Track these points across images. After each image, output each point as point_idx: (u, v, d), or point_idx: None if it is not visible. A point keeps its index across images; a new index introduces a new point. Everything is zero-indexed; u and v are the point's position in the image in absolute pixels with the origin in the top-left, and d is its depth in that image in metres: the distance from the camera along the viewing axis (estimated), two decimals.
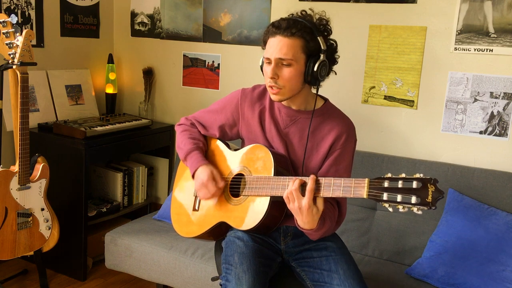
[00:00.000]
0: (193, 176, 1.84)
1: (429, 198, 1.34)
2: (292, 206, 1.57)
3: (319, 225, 1.61)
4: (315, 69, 1.66)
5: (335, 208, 1.76)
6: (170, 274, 2.38)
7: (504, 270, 2.06)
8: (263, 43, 1.75)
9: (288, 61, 1.65)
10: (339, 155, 1.77)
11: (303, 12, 1.73)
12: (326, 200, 1.62)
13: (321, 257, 1.77)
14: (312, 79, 1.69)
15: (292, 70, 1.66)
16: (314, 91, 1.80)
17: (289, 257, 1.85)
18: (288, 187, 1.59)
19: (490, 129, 2.41)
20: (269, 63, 1.69)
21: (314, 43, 1.66)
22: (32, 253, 2.48)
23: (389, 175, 1.42)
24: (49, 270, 2.83)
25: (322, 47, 1.67)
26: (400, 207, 1.37)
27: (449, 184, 2.34)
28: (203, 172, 1.80)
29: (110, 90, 3.31)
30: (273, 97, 1.74)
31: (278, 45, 1.65)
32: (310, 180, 1.54)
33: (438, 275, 2.14)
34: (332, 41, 1.74)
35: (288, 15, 1.73)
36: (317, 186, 1.55)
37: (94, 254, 2.94)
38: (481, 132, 2.43)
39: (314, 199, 1.55)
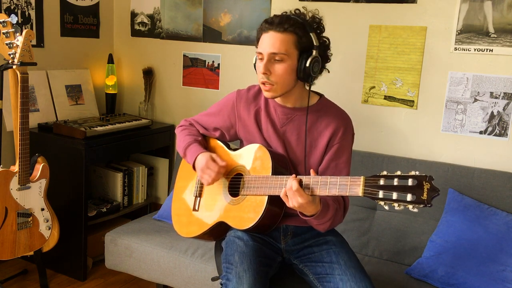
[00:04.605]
0: (194, 167, 1.85)
1: (425, 196, 1.33)
2: (291, 205, 1.58)
3: (323, 207, 1.61)
4: (307, 65, 1.66)
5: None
6: (170, 274, 2.38)
7: (504, 270, 2.06)
8: (256, 40, 1.76)
9: (281, 56, 1.65)
10: (338, 150, 1.78)
11: (297, 11, 1.73)
12: None
13: (322, 251, 1.78)
14: (305, 75, 1.68)
15: (285, 66, 1.67)
16: (313, 88, 1.81)
17: (290, 255, 1.85)
18: (284, 186, 1.59)
19: (490, 129, 2.41)
20: (262, 59, 1.69)
21: (306, 39, 1.67)
22: (32, 253, 2.48)
23: (385, 172, 1.41)
24: (49, 270, 2.83)
25: (315, 43, 1.67)
26: (396, 205, 1.37)
27: (449, 184, 2.34)
28: (202, 157, 1.80)
29: (110, 90, 3.31)
30: (266, 94, 1.74)
31: (270, 40, 1.66)
32: (294, 181, 1.54)
33: (438, 275, 2.13)
34: (325, 38, 1.74)
35: (282, 13, 1.73)
36: (314, 184, 1.55)
37: (94, 254, 2.94)
38: (481, 132, 2.42)
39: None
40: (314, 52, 1.67)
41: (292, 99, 1.79)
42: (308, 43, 1.67)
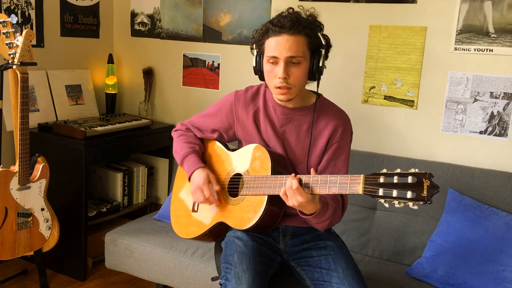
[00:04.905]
0: (189, 179, 1.85)
1: (425, 193, 1.34)
2: (290, 203, 1.58)
3: (322, 206, 1.61)
4: (320, 64, 1.69)
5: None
6: (170, 274, 2.38)
7: (504, 270, 2.06)
8: (257, 43, 1.74)
9: (298, 59, 1.66)
10: (337, 149, 1.78)
11: (290, 9, 1.73)
12: None
13: (320, 256, 1.77)
14: (317, 75, 1.71)
15: (302, 68, 1.68)
16: (307, 87, 1.81)
17: (288, 256, 1.85)
18: (284, 185, 1.59)
19: (490, 129, 2.40)
20: (275, 63, 1.68)
21: (316, 39, 1.68)
22: (32, 253, 2.48)
23: (384, 170, 1.41)
24: (49, 270, 2.83)
25: (323, 43, 1.69)
26: (396, 202, 1.37)
27: (449, 184, 2.34)
28: (199, 175, 1.80)
29: (110, 90, 3.31)
30: (282, 97, 1.73)
31: (286, 44, 1.64)
32: (294, 180, 1.55)
33: (438, 275, 2.13)
34: (326, 37, 1.75)
35: (283, 14, 1.73)
36: (314, 183, 1.55)
37: (94, 254, 2.94)
38: (481, 132, 2.42)
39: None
40: (323, 52, 1.69)
41: (295, 99, 1.79)
42: (317, 43, 1.69)
